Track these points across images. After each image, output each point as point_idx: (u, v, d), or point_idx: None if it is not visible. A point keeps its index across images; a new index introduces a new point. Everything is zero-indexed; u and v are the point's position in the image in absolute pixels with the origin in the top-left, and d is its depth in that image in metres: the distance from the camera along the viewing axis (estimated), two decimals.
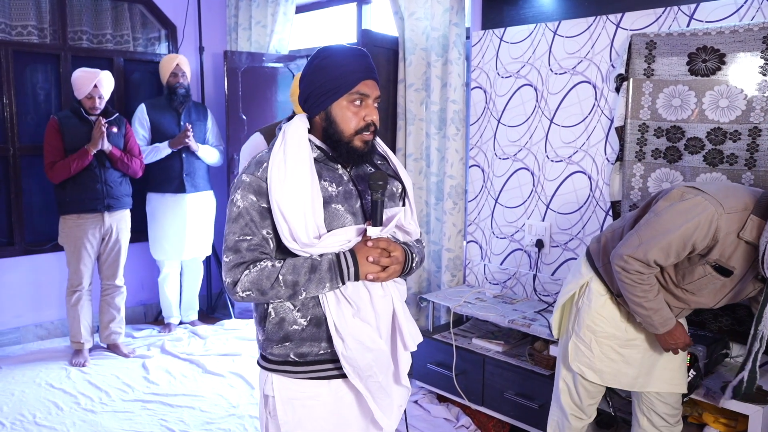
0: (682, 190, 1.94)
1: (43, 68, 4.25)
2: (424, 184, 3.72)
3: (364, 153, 1.55)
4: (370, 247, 1.48)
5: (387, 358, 1.59)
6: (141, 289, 4.71)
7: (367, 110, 1.52)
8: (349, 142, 1.52)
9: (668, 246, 1.86)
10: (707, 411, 2.43)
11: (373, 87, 1.53)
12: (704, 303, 2.01)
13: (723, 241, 1.82)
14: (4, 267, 4.06)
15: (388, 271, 1.51)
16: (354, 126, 1.51)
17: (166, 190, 4.22)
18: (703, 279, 1.93)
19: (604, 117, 2.93)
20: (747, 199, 1.86)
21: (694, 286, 1.96)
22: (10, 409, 3.25)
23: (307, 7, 4.71)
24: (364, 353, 1.51)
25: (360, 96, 1.50)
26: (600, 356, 2.14)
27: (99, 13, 4.46)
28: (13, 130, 4.08)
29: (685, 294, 2.00)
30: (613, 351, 2.14)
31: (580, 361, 2.18)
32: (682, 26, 2.64)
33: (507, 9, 3.28)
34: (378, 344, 1.54)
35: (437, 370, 3.15)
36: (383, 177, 1.49)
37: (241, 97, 4.47)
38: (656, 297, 1.97)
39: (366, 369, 1.53)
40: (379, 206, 1.50)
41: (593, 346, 2.15)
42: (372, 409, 1.58)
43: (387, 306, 1.57)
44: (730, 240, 1.82)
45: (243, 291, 1.47)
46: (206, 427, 3.08)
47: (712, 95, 2.52)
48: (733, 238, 1.82)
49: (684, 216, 1.84)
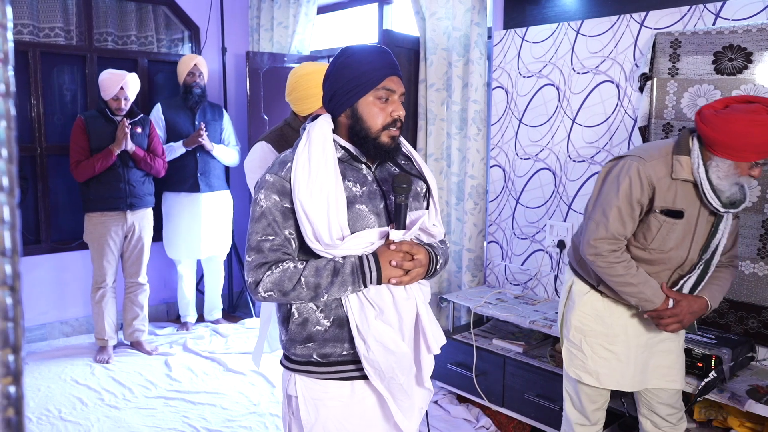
0: (606, 165, 2.06)
1: (69, 69, 4.32)
2: (444, 185, 3.72)
3: (391, 149, 1.55)
4: (393, 250, 1.47)
5: (409, 360, 1.58)
6: (163, 287, 4.77)
7: (394, 106, 1.53)
8: (377, 138, 1.52)
9: (619, 213, 1.95)
10: (732, 415, 2.39)
11: (399, 83, 1.54)
12: (679, 255, 2.01)
13: (659, 187, 1.92)
14: (30, 264, 4.13)
15: (411, 274, 1.50)
16: (381, 122, 1.51)
17: (181, 189, 4.26)
18: (662, 229, 1.97)
19: (628, 117, 2.90)
20: (664, 146, 1.98)
21: (658, 241, 1.99)
22: (36, 404, 3.31)
23: (328, 7, 4.73)
24: (386, 355, 1.50)
25: (386, 92, 1.51)
26: (592, 356, 2.13)
27: (124, 15, 4.53)
28: (40, 130, 4.16)
29: (656, 254, 2.02)
30: (603, 349, 2.12)
31: (576, 366, 2.17)
32: (708, 24, 2.60)
33: (529, 8, 3.27)
34: (400, 347, 1.52)
35: (457, 371, 3.14)
36: (407, 180, 1.47)
37: (263, 97, 4.50)
38: (638, 270, 1.99)
39: (388, 371, 1.52)
40: (403, 209, 1.48)
41: (584, 347, 2.14)
42: (392, 411, 1.57)
43: (410, 308, 1.56)
44: (665, 184, 1.93)
45: (265, 291, 1.47)
46: (227, 425, 3.11)
47: (739, 94, 2.48)
48: (667, 182, 1.93)
49: (616, 181, 1.97)
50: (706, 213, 1.95)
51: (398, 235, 1.49)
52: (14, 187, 0.41)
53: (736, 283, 2.55)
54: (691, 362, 2.36)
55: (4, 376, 0.41)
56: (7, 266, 0.41)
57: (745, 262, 2.54)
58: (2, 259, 0.41)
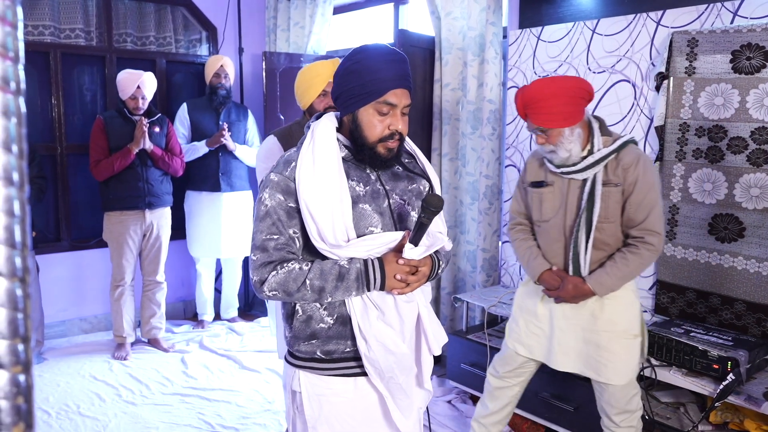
0: None
1: (89, 70, 4.39)
2: (459, 184, 3.71)
3: (388, 159, 1.55)
4: (400, 265, 1.47)
5: (409, 361, 1.59)
6: (181, 286, 4.82)
7: (393, 119, 1.50)
8: (373, 148, 1.52)
9: (515, 194, 2.43)
10: (749, 417, 2.37)
11: (403, 96, 1.50)
12: (558, 223, 2.23)
13: (531, 166, 2.33)
14: (51, 262, 4.20)
15: (413, 285, 1.51)
16: (378, 134, 1.50)
17: (203, 188, 4.31)
18: (536, 200, 2.29)
19: (644, 116, 2.88)
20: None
21: (539, 212, 2.28)
22: (55, 399, 3.37)
23: (344, 8, 4.75)
24: (387, 355, 1.52)
25: (387, 106, 1.49)
26: (526, 331, 2.36)
27: (143, 16, 4.59)
28: (60, 130, 4.23)
29: (543, 226, 2.28)
30: (536, 327, 2.34)
31: (513, 339, 2.40)
32: (726, 23, 2.57)
33: (545, 7, 3.25)
34: (401, 348, 1.54)
35: (471, 370, 3.14)
36: (440, 203, 1.46)
37: (279, 97, 4.53)
38: (529, 246, 2.32)
39: (387, 370, 1.53)
40: (423, 228, 1.47)
41: (520, 322, 2.38)
42: (390, 409, 1.59)
43: (412, 311, 1.57)
44: (529, 162, 2.35)
45: (270, 291, 1.48)
46: (242, 422, 3.14)
47: (757, 93, 2.46)
48: (530, 160, 2.36)
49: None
50: (577, 183, 2.18)
51: (412, 254, 1.47)
52: (24, 182, 0.43)
53: (754, 285, 2.53)
54: (707, 364, 2.34)
55: (14, 365, 0.42)
56: (18, 259, 0.43)
57: (762, 263, 2.51)
58: (13, 251, 0.42)
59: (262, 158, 2.45)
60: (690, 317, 2.74)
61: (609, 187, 2.10)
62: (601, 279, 2.11)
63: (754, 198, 2.52)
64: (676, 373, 2.44)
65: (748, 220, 2.54)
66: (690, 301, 2.75)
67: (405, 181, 1.63)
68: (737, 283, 2.59)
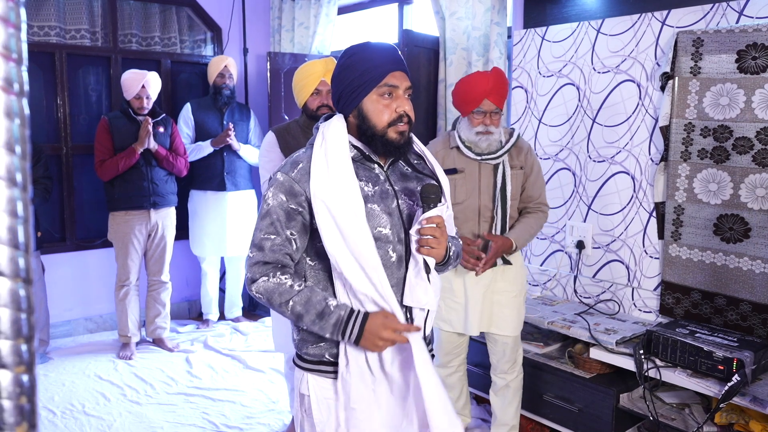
0: None
1: (94, 70, 4.40)
2: None
3: (401, 145, 1.53)
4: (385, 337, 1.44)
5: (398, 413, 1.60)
6: (185, 285, 4.83)
7: (398, 101, 1.51)
8: (384, 135, 1.51)
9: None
10: (755, 419, 2.36)
11: (402, 78, 1.51)
12: (472, 204, 2.51)
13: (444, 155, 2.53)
14: (56, 262, 4.22)
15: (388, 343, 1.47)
16: (386, 118, 1.50)
17: (207, 187, 4.32)
18: (452, 185, 2.45)
19: (649, 116, 2.87)
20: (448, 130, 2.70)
21: (457, 194, 2.50)
22: (60, 399, 3.38)
23: (349, 8, 4.75)
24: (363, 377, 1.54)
25: (389, 88, 1.49)
26: (446, 308, 2.63)
27: (148, 17, 4.60)
28: (66, 130, 4.24)
29: (458, 208, 2.49)
30: (453, 302, 2.62)
31: (438, 319, 2.59)
32: (731, 23, 2.56)
33: (549, 7, 3.25)
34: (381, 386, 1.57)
35: (476, 371, 3.14)
36: (436, 191, 1.47)
37: (284, 97, 4.54)
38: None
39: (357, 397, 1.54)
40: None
41: (440, 303, 2.58)
42: None
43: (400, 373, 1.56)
44: (444, 153, 2.53)
45: (257, 292, 1.51)
46: (246, 422, 3.14)
47: (762, 93, 2.45)
48: (445, 151, 2.54)
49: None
50: (489, 168, 2.49)
51: (430, 213, 1.48)
52: (27, 183, 0.43)
53: (760, 286, 2.52)
54: (712, 365, 2.33)
55: (18, 365, 0.43)
56: (21, 259, 0.43)
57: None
58: (16, 252, 0.43)
59: (263, 153, 2.66)
60: (695, 318, 2.73)
61: (516, 170, 2.53)
62: (518, 234, 2.50)
63: (760, 198, 2.51)
64: (681, 374, 2.43)
65: (753, 220, 2.53)
66: (695, 301, 2.74)
67: (414, 182, 1.62)
68: (743, 284, 2.58)
